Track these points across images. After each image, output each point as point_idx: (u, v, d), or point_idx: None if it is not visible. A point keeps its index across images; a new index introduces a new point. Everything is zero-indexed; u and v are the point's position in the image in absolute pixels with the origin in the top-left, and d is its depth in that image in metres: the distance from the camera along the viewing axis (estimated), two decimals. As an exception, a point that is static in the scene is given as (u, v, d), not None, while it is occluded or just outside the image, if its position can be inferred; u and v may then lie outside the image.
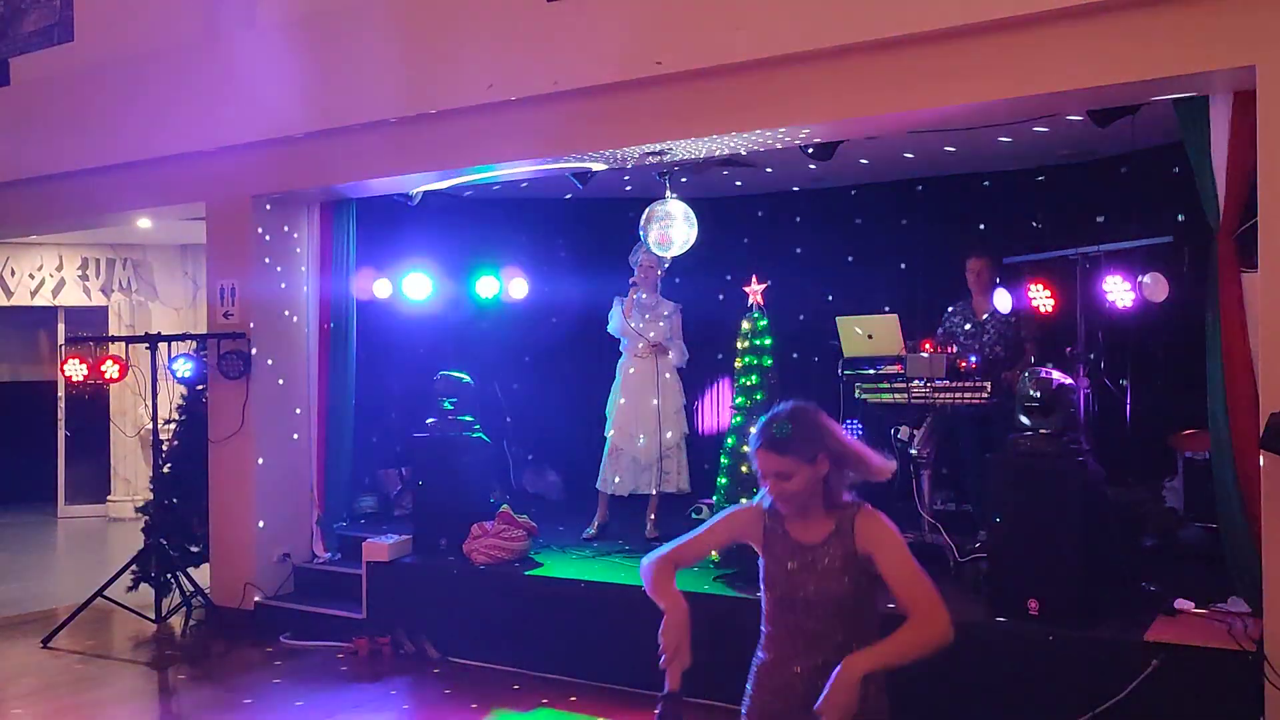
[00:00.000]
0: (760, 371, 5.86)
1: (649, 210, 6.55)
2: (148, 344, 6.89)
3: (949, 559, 5.59)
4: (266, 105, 6.42)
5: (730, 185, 7.78)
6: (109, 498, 11.30)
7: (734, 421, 5.93)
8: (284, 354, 6.95)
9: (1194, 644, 4.26)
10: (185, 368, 6.99)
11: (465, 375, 6.81)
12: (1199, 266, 5.06)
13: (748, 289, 6.04)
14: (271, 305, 6.89)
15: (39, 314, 11.45)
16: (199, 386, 7.19)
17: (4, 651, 6.38)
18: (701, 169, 6.70)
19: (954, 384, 5.64)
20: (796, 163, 6.22)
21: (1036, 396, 4.83)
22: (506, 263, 7.98)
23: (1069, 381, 4.94)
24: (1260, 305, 4.21)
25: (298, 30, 6.46)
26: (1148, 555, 5.62)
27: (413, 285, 7.37)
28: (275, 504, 6.84)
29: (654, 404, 6.66)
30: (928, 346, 5.94)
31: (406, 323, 7.81)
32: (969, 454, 6.26)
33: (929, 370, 5.67)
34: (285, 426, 6.95)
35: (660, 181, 6.74)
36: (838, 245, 8.08)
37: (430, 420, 6.66)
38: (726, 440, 6.00)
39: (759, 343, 5.89)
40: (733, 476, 5.80)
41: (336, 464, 7.08)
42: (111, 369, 6.91)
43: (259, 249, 6.83)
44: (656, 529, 6.61)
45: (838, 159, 5.93)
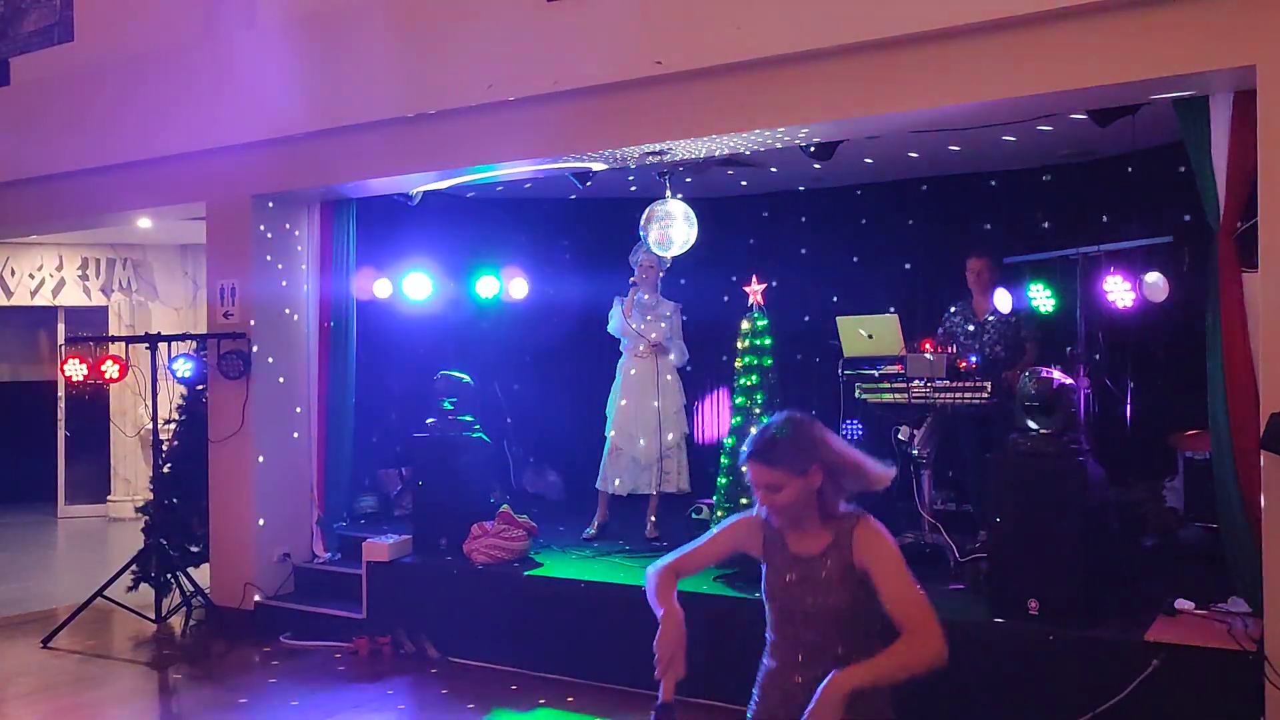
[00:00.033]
0: (760, 372, 5.86)
1: (649, 210, 6.55)
2: (148, 344, 6.88)
3: (949, 559, 5.59)
4: (266, 105, 6.42)
5: (730, 185, 7.78)
6: (109, 498, 11.30)
7: (733, 422, 5.93)
8: (284, 354, 6.95)
9: (1194, 644, 4.26)
10: (185, 368, 6.99)
11: (465, 375, 6.81)
12: (1199, 266, 5.06)
13: (747, 289, 6.04)
14: (272, 305, 6.89)
15: (39, 314, 11.45)
16: (199, 386, 7.19)
17: (4, 651, 6.38)
18: (704, 168, 6.69)
19: (954, 384, 5.64)
20: (798, 162, 6.21)
21: (1037, 396, 4.82)
22: (506, 263, 7.99)
23: (1069, 381, 4.94)
24: (1261, 305, 4.20)
25: (298, 30, 6.46)
26: (1148, 555, 5.62)
27: (413, 285, 7.38)
28: (275, 504, 6.84)
29: (654, 404, 6.65)
30: (928, 346, 5.94)
31: (406, 323, 7.81)
32: (969, 454, 6.25)
33: (929, 370, 5.67)
34: (285, 426, 6.95)
35: (660, 181, 6.75)
36: (838, 245, 8.08)
37: (430, 420, 6.66)
38: (726, 440, 6.00)
39: (759, 343, 5.89)
40: (732, 477, 5.80)
41: (336, 464, 7.08)
42: (111, 369, 6.91)
43: (259, 249, 6.83)
44: (656, 529, 6.61)
45: (839, 158, 5.93)
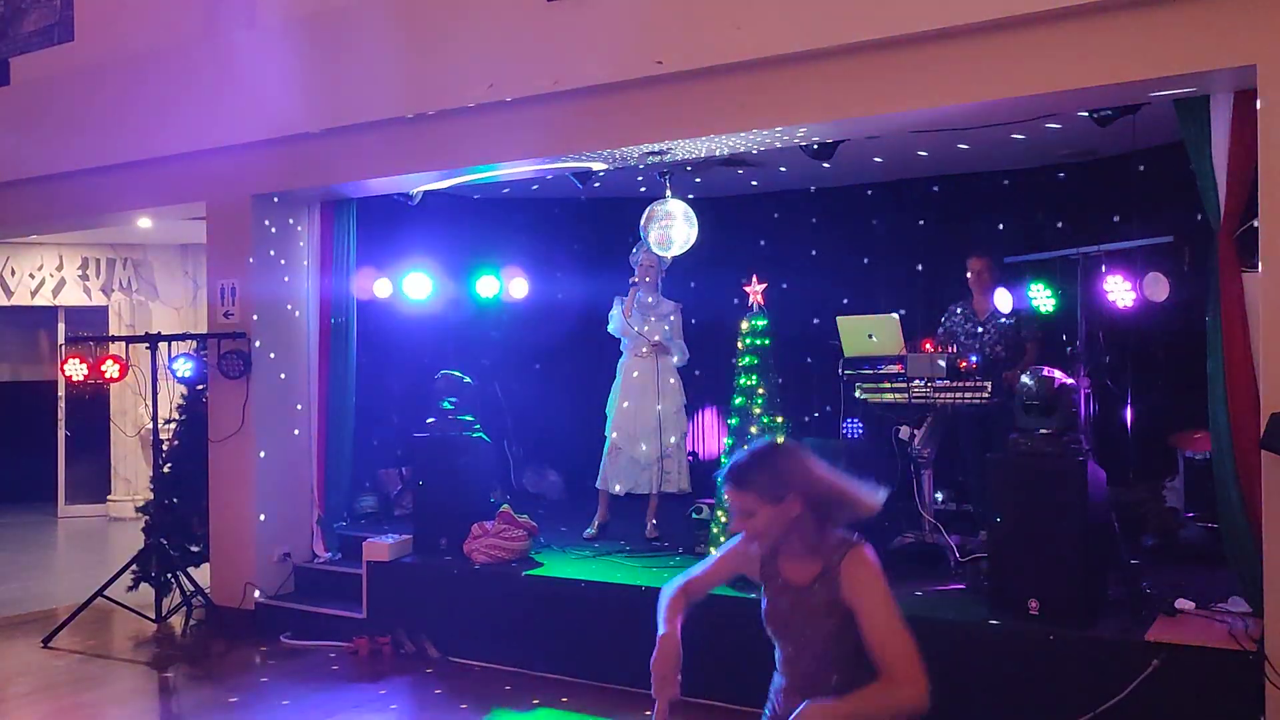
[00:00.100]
0: (760, 372, 5.85)
1: (649, 210, 6.55)
2: (148, 344, 6.88)
3: (949, 559, 5.60)
4: (267, 105, 6.42)
5: (730, 185, 7.78)
6: (109, 497, 11.30)
7: (731, 423, 5.92)
8: (284, 353, 6.94)
9: (1194, 644, 4.26)
10: (185, 367, 6.99)
11: (466, 375, 6.81)
12: (1200, 266, 5.06)
13: (748, 289, 6.03)
14: (272, 305, 6.88)
15: (39, 314, 11.45)
16: (199, 386, 7.19)
17: (4, 651, 6.38)
18: (710, 167, 6.68)
19: (955, 384, 5.63)
20: (802, 162, 6.21)
21: (1037, 396, 4.82)
22: (507, 263, 8.00)
23: (1070, 381, 4.94)
24: (1261, 305, 4.20)
25: (298, 30, 6.45)
26: (1148, 555, 5.62)
27: (413, 285, 7.38)
28: (275, 503, 6.84)
29: (655, 404, 6.65)
30: (928, 346, 5.94)
31: (407, 322, 7.82)
32: (970, 454, 6.26)
33: (929, 370, 5.67)
34: (286, 426, 6.94)
35: (660, 181, 6.75)
36: (838, 245, 8.08)
37: (431, 420, 6.66)
38: (725, 440, 6.00)
39: (759, 343, 5.89)
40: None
41: (337, 463, 7.07)
42: (112, 369, 6.91)
43: (259, 248, 6.82)
44: (657, 529, 6.61)
45: (839, 159, 5.92)
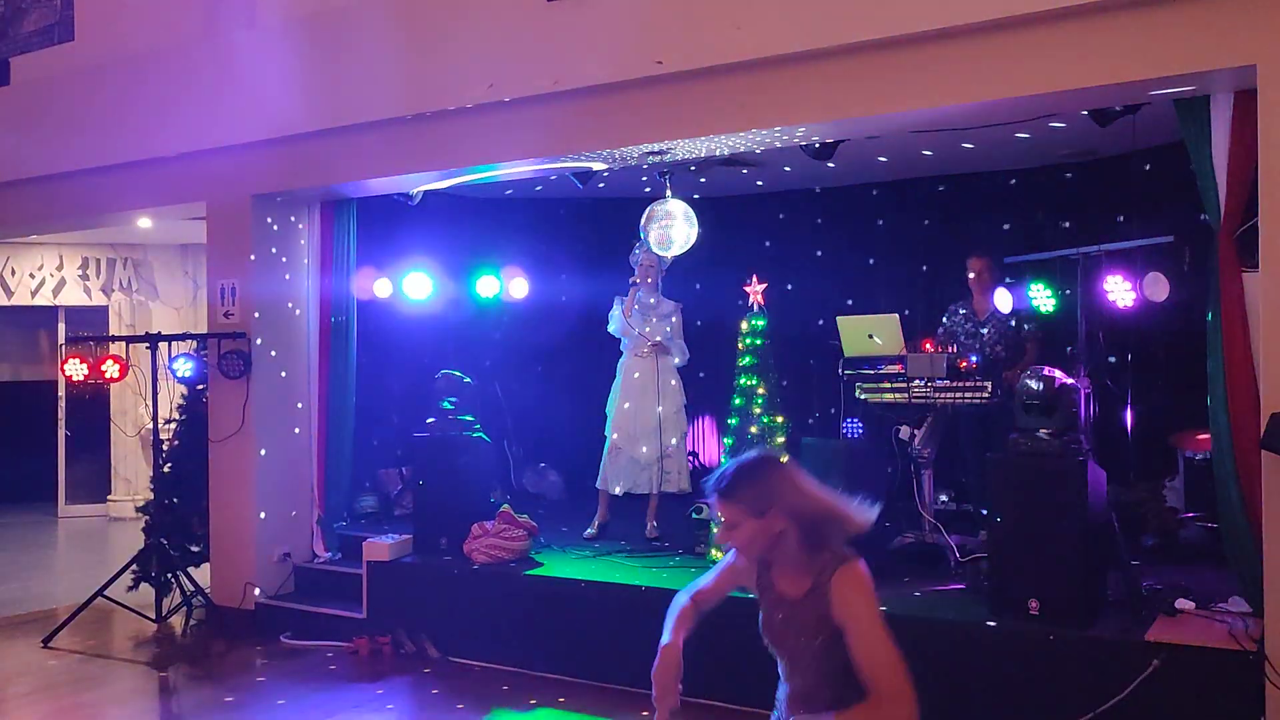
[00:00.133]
0: (760, 372, 5.85)
1: (649, 210, 6.55)
2: (148, 344, 6.88)
3: (949, 559, 5.60)
4: (267, 105, 6.42)
5: (730, 185, 7.78)
6: (109, 497, 11.30)
7: (731, 423, 5.92)
8: (284, 353, 6.94)
9: (1194, 644, 4.26)
10: (185, 367, 6.99)
11: (466, 375, 6.81)
12: (1200, 266, 5.06)
13: (748, 288, 6.03)
14: (272, 305, 6.88)
15: (39, 314, 11.44)
16: (199, 386, 7.19)
17: (4, 651, 6.38)
18: (711, 166, 6.68)
19: (955, 384, 5.63)
20: (803, 162, 6.21)
21: (1037, 396, 4.82)
22: (507, 262, 8.00)
23: (1070, 381, 4.94)
24: (1261, 305, 4.20)
25: (298, 29, 6.45)
26: (1148, 555, 5.62)
27: (413, 285, 7.38)
28: (276, 503, 6.84)
29: (655, 404, 6.65)
30: (928, 346, 5.94)
31: (407, 322, 7.82)
32: (970, 453, 6.26)
33: (929, 370, 5.67)
34: (286, 426, 6.94)
35: (662, 181, 6.74)
36: (838, 245, 8.08)
37: (431, 420, 6.66)
38: (725, 440, 5.99)
39: (759, 343, 5.89)
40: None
41: (337, 463, 7.07)
42: (112, 369, 6.91)
43: (259, 248, 6.82)
44: (657, 529, 6.61)
45: (838, 159, 5.92)
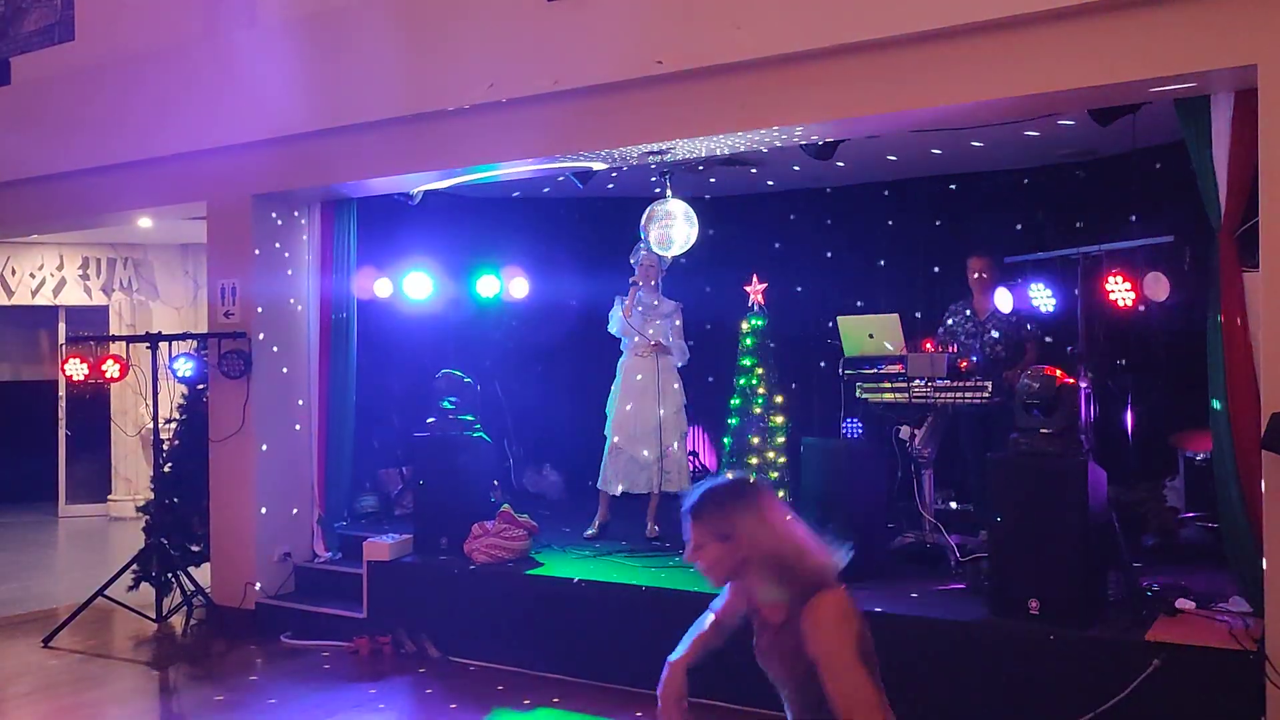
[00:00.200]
0: (760, 372, 5.86)
1: (649, 210, 6.55)
2: (148, 343, 6.88)
3: (950, 559, 5.60)
4: (267, 104, 6.42)
5: (731, 185, 7.77)
6: (110, 497, 11.29)
7: (731, 423, 5.92)
8: (285, 353, 6.94)
9: (1195, 644, 4.26)
10: (186, 367, 6.99)
11: (466, 375, 6.81)
12: (1200, 265, 5.05)
13: (748, 288, 6.04)
14: (272, 304, 6.88)
15: (40, 313, 11.44)
16: (200, 386, 7.18)
17: (5, 651, 6.38)
18: (713, 166, 6.67)
19: (955, 383, 5.63)
20: (803, 162, 6.21)
21: (1038, 396, 4.82)
22: (507, 262, 8.00)
23: (1070, 381, 4.94)
24: (1262, 304, 4.20)
25: (298, 29, 6.45)
26: (1149, 555, 5.62)
27: (413, 284, 7.38)
28: (276, 503, 6.84)
29: (655, 403, 6.64)
30: (929, 346, 5.94)
31: (407, 322, 7.81)
32: (970, 453, 6.25)
33: (930, 370, 5.67)
34: (286, 425, 6.94)
35: (662, 181, 6.74)
36: (838, 245, 8.07)
37: (431, 420, 6.66)
38: (724, 440, 5.99)
39: (759, 343, 5.89)
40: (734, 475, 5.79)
41: (337, 463, 7.07)
42: (112, 368, 6.91)
43: (260, 248, 6.82)
44: (657, 529, 6.61)
45: (839, 159, 5.92)
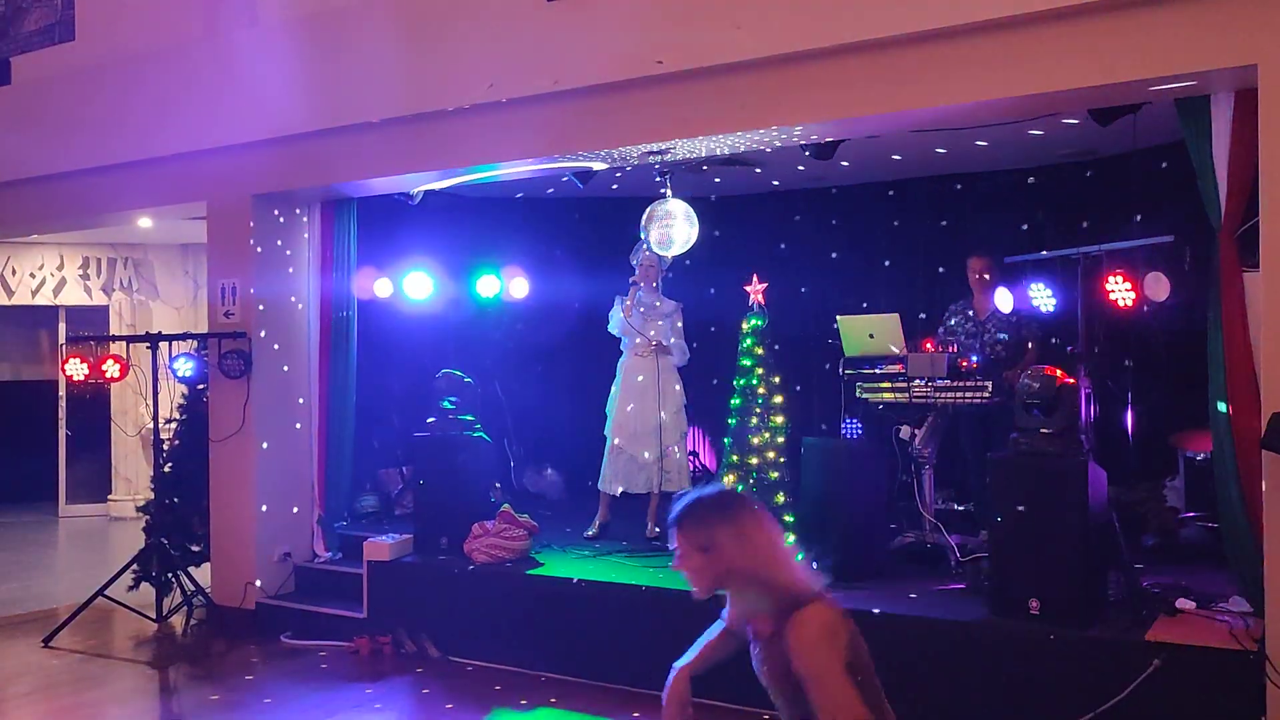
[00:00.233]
0: (760, 372, 5.85)
1: (650, 209, 6.55)
2: (149, 343, 6.88)
3: (950, 558, 5.59)
4: (267, 104, 6.42)
5: (733, 185, 7.76)
6: (110, 497, 11.30)
7: (730, 423, 5.92)
8: (285, 353, 6.94)
9: (1195, 644, 4.26)
10: (186, 367, 6.99)
11: (466, 375, 6.81)
12: (1201, 265, 5.06)
13: (748, 288, 6.03)
14: (272, 304, 6.88)
15: (40, 313, 11.45)
16: (200, 386, 7.18)
17: (5, 651, 6.38)
18: (714, 165, 6.67)
19: (955, 383, 5.63)
20: (803, 162, 6.20)
21: (1038, 396, 4.82)
22: (507, 262, 7.99)
23: (1070, 381, 4.94)
24: (1262, 304, 4.20)
25: (299, 29, 6.45)
26: (1149, 555, 5.62)
27: (414, 284, 7.37)
28: (276, 503, 6.84)
29: (655, 404, 6.65)
30: (929, 346, 5.94)
31: (407, 322, 7.81)
32: (970, 453, 6.25)
33: (930, 370, 5.67)
34: (286, 426, 6.94)
35: (662, 181, 6.74)
36: (838, 245, 8.07)
37: (431, 419, 6.66)
38: (725, 440, 5.99)
39: (759, 343, 5.88)
40: (733, 475, 5.79)
41: (337, 463, 7.07)
42: (112, 368, 6.91)
43: (260, 248, 6.82)
44: (657, 529, 6.61)
45: (839, 159, 5.92)
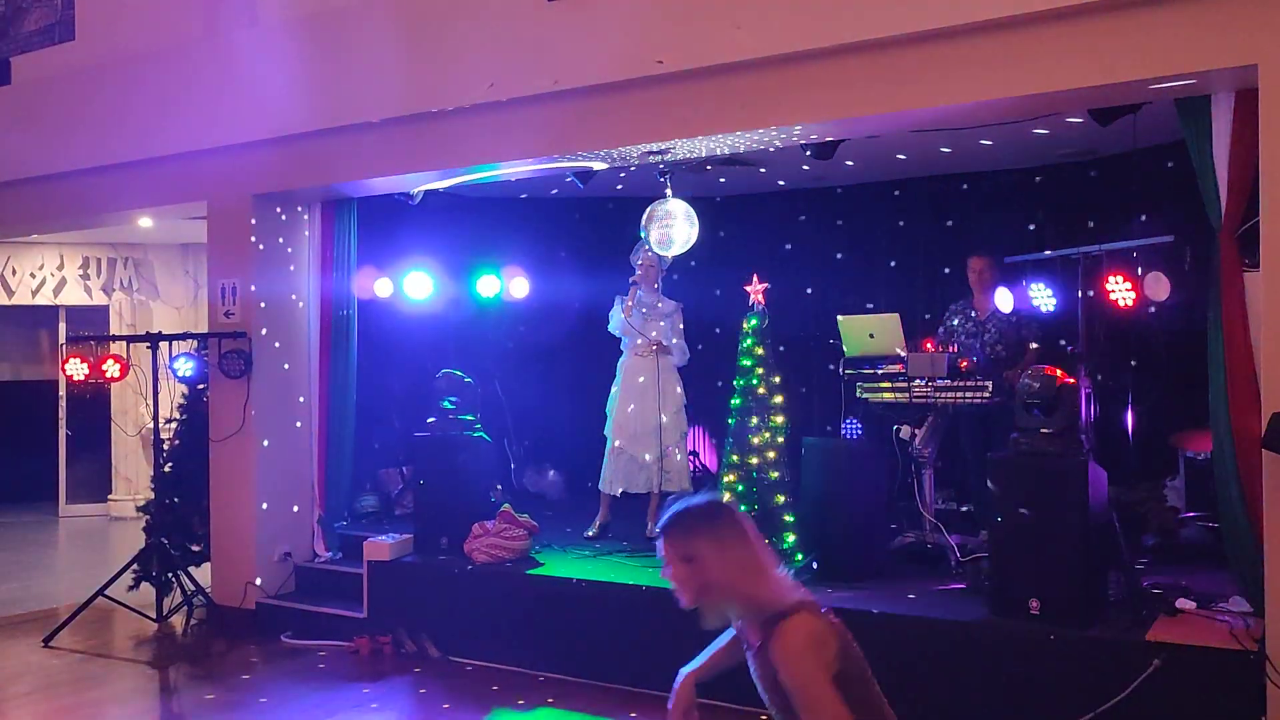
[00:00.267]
0: (760, 372, 5.84)
1: (650, 209, 6.55)
2: (149, 343, 6.88)
3: (950, 558, 5.59)
4: (268, 104, 6.42)
5: (734, 185, 7.76)
6: (110, 497, 11.29)
7: (731, 423, 5.91)
8: (285, 353, 6.94)
9: (1195, 644, 4.26)
10: (186, 367, 6.99)
11: (466, 375, 6.80)
12: (1201, 265, 5.06)
13: (748, 288, 6.02)
14: (273, 304, 6.88)
15: (40, 313, 11.45)
16: (200, 386, 7.18)
17: (5, 650, 6.38)
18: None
19: (955, 383, 5.64)
20: (804, 162, 6.19)
21: (1038, 395, 4.82)
22: (507, 262, 7.99)
23: (1071, 381, 4.94)
24: (1262, 304, 4.20)
25: (299, 29, 6.45)
26: (1149, 555, 5.62)
27: (414, 284, 7.38)
28: (276, 503, 6.84)
29: (655, 404, 6.65)
30: (929, 346, 5.94)
31: (408, 322, 7.81)
32: (970, 453, 6.25)
33: (930, 370, 5.67)
34: (286, 425, 6.94)
35: (663, 181, 6.74)
36: (839, 245, 8.07)
37: (431, 419, 6.66)
38: (726, 440, 5.98)
39: (759, 343, 5.87)
40: (734, 475, 5.79)
41: (338, 463, 7.07)
42: (112, 368, 6.91)
43: (260, 248, 6.82)
44: (657, 529, 6.60)
45: (840, 158, 5.92)
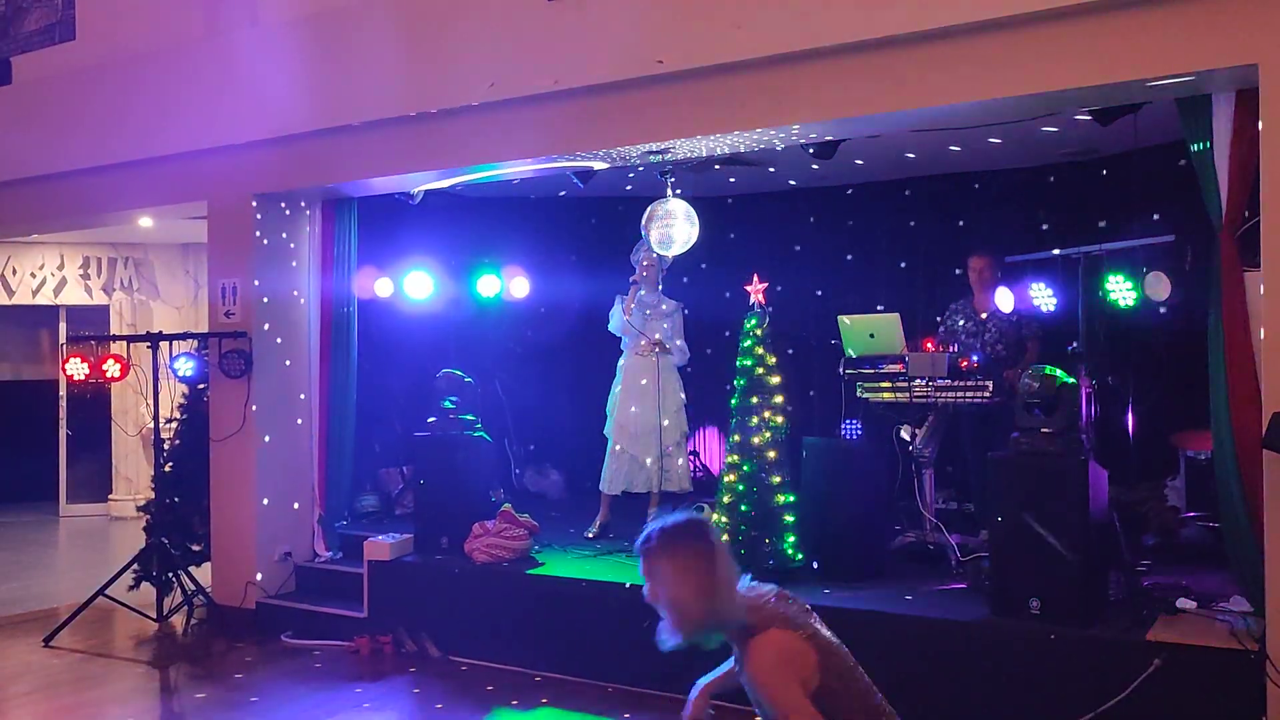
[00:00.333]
0: (760, 372, 5.84)
1: (650, 209, 6.54)
2: (149, 343, 6.88)
3: (950, 558, 5.59)
4: (268, 104, 6.42)
5: (731, 186, 7.76)
6: (110, 496, 11.30)
7: (731, 424, 5.91)
8: (285, 353, 6.94)
9: (1196, 643, 4.26)
10: (187, 367, 6.99)
11: (466, 374, 6.81)
12: (1201, 265, 5.06)
13: (749, 288, 6.02)
14: (273, 304, 6.89)
15: (40, 313, 11.45)
16: (200, 385, 7.19)
17: (5, 650, 6.38)
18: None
19: (956, 383, 5.63)
20: (804, 161, 6.19)
21: (1039, 395, 4.82)
22: (508, 262, 8.00)
23: (1070, 381, 4.94)
24: (1263, 304, 4.20)
25: (300, 28, 6.45)
26: (1150, 554, 5.62)
27: (414, 284, 7.38)
28: (277, 503, 6.85)
29: (655, 404, 6.65)
30: (929, 346, 5.94)
31: (408, 322, 7.81)
32: (971, 453, 6.25)
33: (931, 369, 5.66)
34: (287, 425, 6.94)
35: (663, 181, 6.73)
36: (839, 244, 8.07)
37: (432, 419, 6.66)
38: (728, 439, 5.98)
39: (759, 343, 5.87)
40: (734, 476, 5.79)
41: (338, 463, 7.08)
42: (113, 368, 6.92)
43: (260, 248, 6.82)
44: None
45: (840, 158, 5.91)
